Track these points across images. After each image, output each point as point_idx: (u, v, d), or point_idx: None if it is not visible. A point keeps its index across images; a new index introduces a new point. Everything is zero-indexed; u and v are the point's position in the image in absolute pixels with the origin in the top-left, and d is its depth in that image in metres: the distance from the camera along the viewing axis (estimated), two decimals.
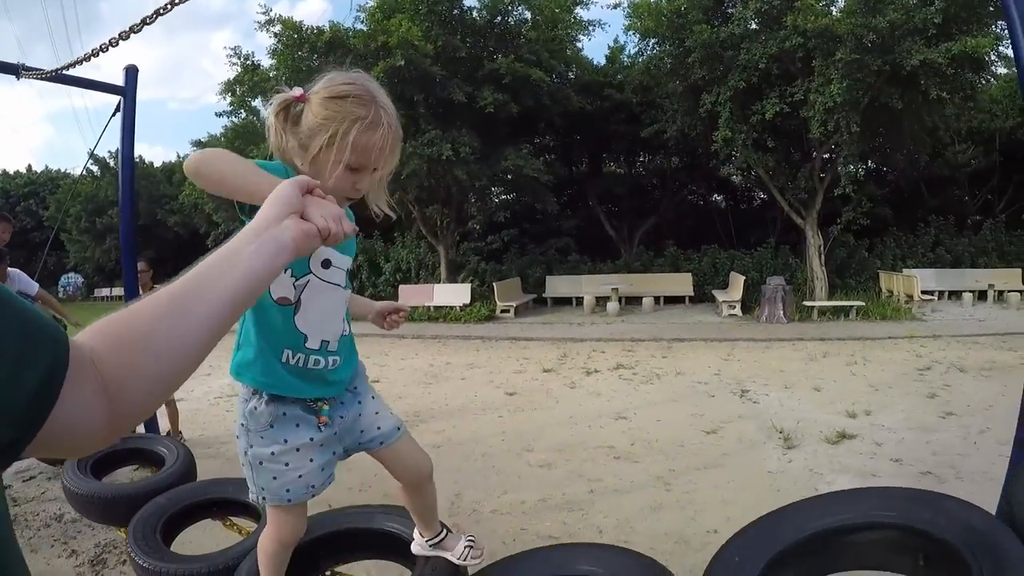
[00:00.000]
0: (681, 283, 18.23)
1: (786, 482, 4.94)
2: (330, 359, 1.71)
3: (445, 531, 2.14)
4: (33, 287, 6.05)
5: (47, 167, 43.52)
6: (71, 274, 34.77)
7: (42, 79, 5.64)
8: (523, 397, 8.26)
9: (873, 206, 18.07)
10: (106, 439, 0.69)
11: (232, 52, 17.17)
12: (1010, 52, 15.02)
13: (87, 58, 4.69)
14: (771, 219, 20.80)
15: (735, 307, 15.34)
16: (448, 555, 2.09)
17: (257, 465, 1.74)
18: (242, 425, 1.75)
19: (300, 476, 1.75)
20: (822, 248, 16.31)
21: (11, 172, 43.10)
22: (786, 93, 14.17)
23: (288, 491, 1.76)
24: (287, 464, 1.73)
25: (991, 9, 13.10)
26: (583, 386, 8.74)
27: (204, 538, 3.04)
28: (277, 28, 15.52)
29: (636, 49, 18.01)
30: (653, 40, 16.52)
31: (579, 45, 19.04)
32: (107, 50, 4.15)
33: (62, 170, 41.13)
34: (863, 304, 14.34)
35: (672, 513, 4.47)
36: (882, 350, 10.40)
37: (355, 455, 1.90)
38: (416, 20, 14.89)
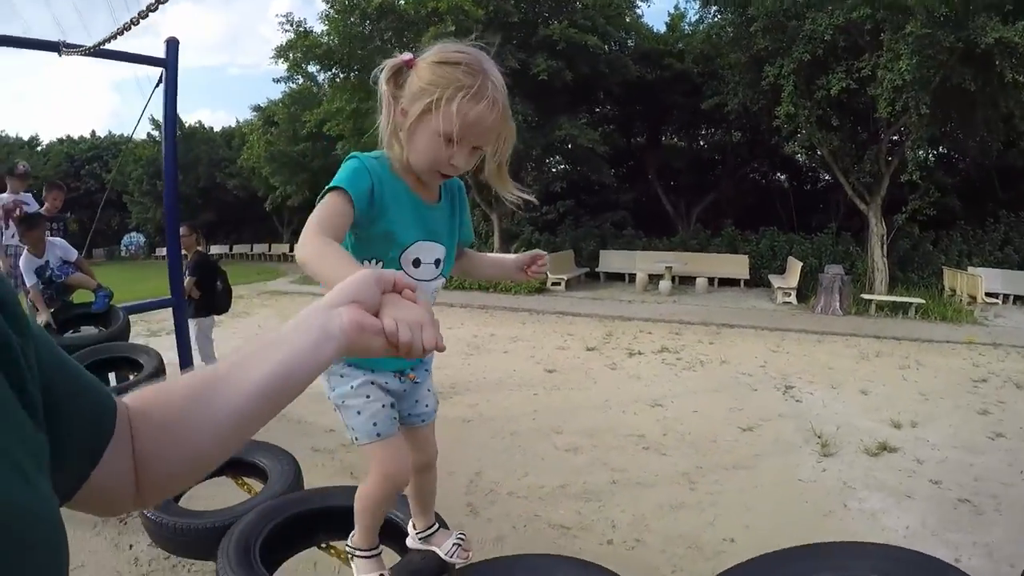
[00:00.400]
0: (737, 265, 17.77)
1: (816, 494, 4.75)
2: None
3: (438, 525, 2.14)
4: (72, 253, 6.18)
5: (111, 132, 45.21)
6: (133, 234, 36.19)
7: (84, 55, 5.71)
8: (562, 375, 8.21)
9: (941, 196, 17.18)
10: (136, 507, 0.70)
11: (284, 19, 17.31)
12: None
13: (124, 30, 4.70)
14: (834, 203, 20.00)
15: (790, 294, 14.90)
16: (436, 550, 2.09)
17: (341, 405, 1.77)
18: (325, 371, 1.72)
19: (383, 406, 1.77)
20: (885, 238, 15.58)
21: (76, 138, 44.72)
22: (853, 68, 13.36)
23: (375, 424, 1.76)
24: (368, 396, 1.75)
25: None
26: (624, 368, 8.63)
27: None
28: None
29: (697, 16, 17.40)
30: (715, 7, 15.91)
31: (638, 11, 18.61)
32: (138, 23, 4.17)
33: (124, 135, 42.47)
34: (923, 302, 13.69)
35: (691, 514, 4.36)
36: (938, 355, 9.90)
37: None
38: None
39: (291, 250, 31.20)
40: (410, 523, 2.16)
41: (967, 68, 12.67)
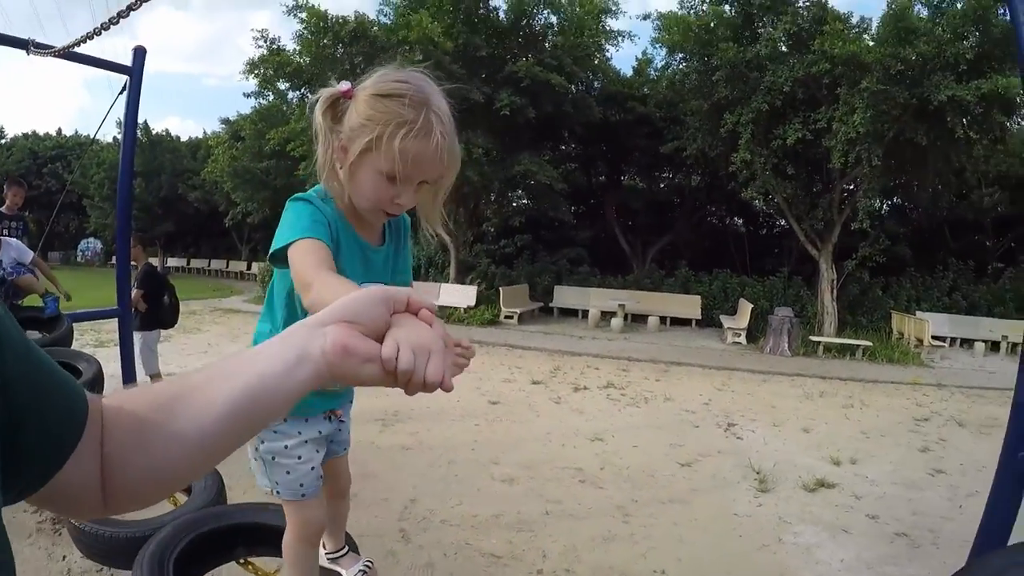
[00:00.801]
0: (689, 305, 17.96)
1: (750, 528, 4.75)
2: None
3: (347, 549, 2.15)
4: (28, 255, 6.12)
5: (76, 132, 44.52)
6: (90, 239, 35.49)
7: (52, 56, 5.59)
8: (505, 407, 8.12)
9: (891, 244, 17.67)
10: (101, 513, 0.65)
11: (259, 34, 17.31)
12: None
13: (95, 34, 4.62)
14: (788, 248, 20.49)
15: (740, 335, 15.08)
16: (342, 571, 2.10)
17: (270, 460, 1.73)
18: None
19: (312, 468, 1.76)
20: (835, 282, 15.99)
21: (41, 134, 44.02)
22: (810, 119, 13.85)
23: (302, 485, 1.75)
24: (299, 457, 1.73)
25: None
26: (568, 402, 8.58)
27: None
28: (303, 14, 15.54)
29: (663, 63, 17.86)
30: (680, 55, 16.32)
31: (608, 54, 18.94)
32: (108, 28, 4.10)
33: (90, 136, 41.92)
34: (870, 344, 13.98)
35: (623, 546, 4.31)
36: (883, 395, 10.09)
37: None
38: (439, 16, 14.89)
39: (248, 268, 30.97)
40: (321, 541, 2.10)
41: (920, 123, 13.14)
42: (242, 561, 2.40)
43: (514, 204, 21.22)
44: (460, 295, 17.48)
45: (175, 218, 34.31)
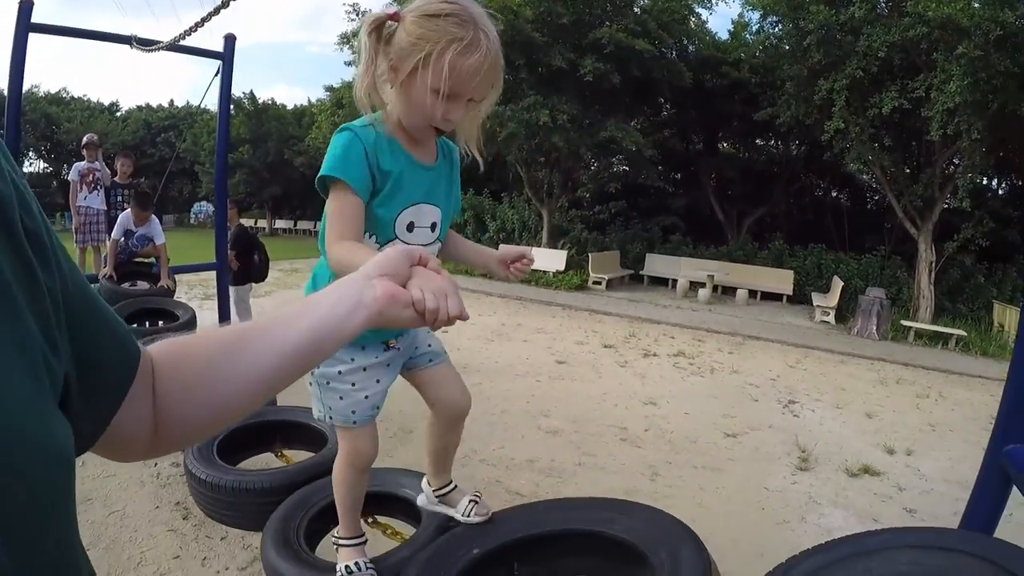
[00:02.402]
0: (781, 279, 17.56)
1: (777, 503, 4.84)
2: None
3: (454, 484, 2.16)
4: (160, 238, 6.87)
5: (188, 103, 46.71)
6: (203, 203, 37.93)
7: (153, 50, 6.32)
8: (570, 367, 8.43)
9: (998, 227, 16.69)
10: (145, 456, 0.72)
11: (351, 7, 17.83)
12: None
13: (192, 30, 5.23)
14: (889, 225, 19.64)
15: (829, 314, 14.70)
16: (452, 511, 2.12)
17: (324, 385, 1.77)
18: None
19: (366, 397, 1.79)
20: (934, 265, 15.24)
21: (154, 106, 46.49)
22: (907, 87, 13.11)
23: (354, 412, 1.79)
24: (353, 384, 1.76)
25: None
26: (633, 367, 8.81)
27: None
28: None
29: (758, 27, 17.23)
30: (774, 18, 15.75)
31: (703, 18, 18.52)
32: (203, 24, 4.65)
33: (201, 106, 43.97)
34: (964, 334, 13.38)
35: (640, 501, 4.53)
36: (965, 388, 9.66)
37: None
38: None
39: None
40: (424, 480, 2.19)
41: None
42: (370, 520, 2.52)
43: (613, 170, 21.15)
44: (550, 259, 17.76)
45: (282, 182, 35.83)
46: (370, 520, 2.61)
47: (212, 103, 7.40)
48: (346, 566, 1.96)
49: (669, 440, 5.98)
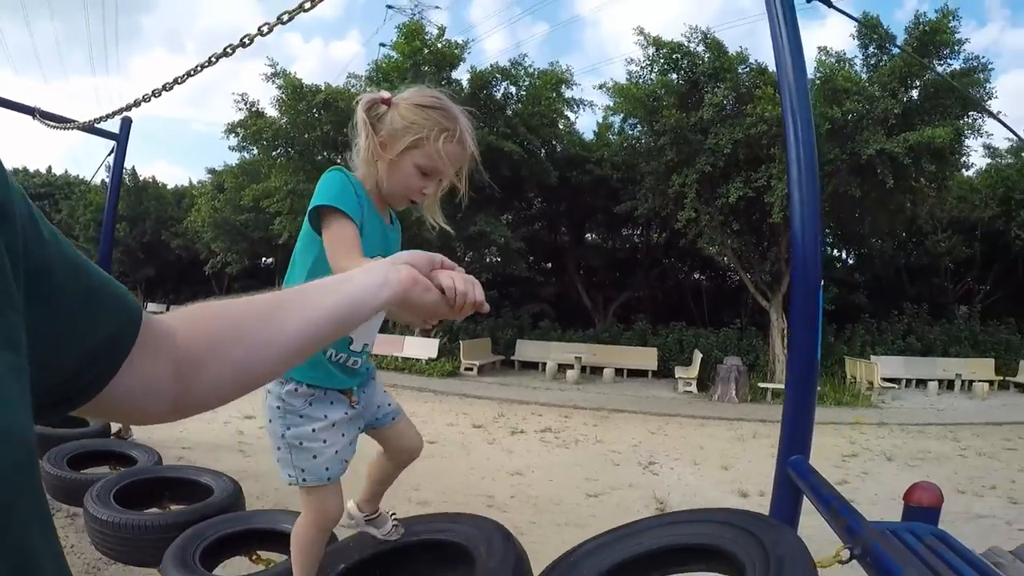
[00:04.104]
0: (645, 357, 18.50)
1: None
2: (363, 358, 1.94)
3: (379, 512, 2.38)
4: None
5: (66, 171, 44.73)
6: None
7: (54, 127, 6.42)
8: (440, 447, 8.55)
9: (846, 292, 18.40)
10: (170, 416, 0.72)
11: (240, 98, 18.09)
12: (992, 142, 15.81)
13: (105, 117, 5.41)
14: (743, 300, 21.22)
15: (691, 384, 15.60)
16: (376, 531, 2.35)
17: (297, 446, 1.85)
18: (277, 408, 1.85)
19: (336, 452, 1.88)
20: (785, 331, 16.50)
21: (31, 171, 44.37)
22: (751, 178, 14.62)
23: (327, 469, 1.87)
24: (325, 441, 1.85)
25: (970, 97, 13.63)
26: (501, 443, 9.06)
27: None
28: (280, 82, 16.54)
29: (619, 128, 18.76)
30: (633, 120, 17.20)
31: (571, 120, 19.81)
32: (136, 105, 4.82)
33: (79, 176, 42.12)
34: (818, 389, 14.43)
35: None
36: (818, 435, 10.06)
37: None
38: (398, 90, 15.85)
39: None
40: (353, 504, 2.33)
41: (854, 177, 13.92)
42: (254, 557, 2.83)
43: (485, 261, 21.77)
44: (423, 347, 17.90)
45: (157, 263, 34.61)
46: (253, 557, 2.96)
47: (91, 174, 7.32)
48: None
49: (534, 504, 6.23)
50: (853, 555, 1.84)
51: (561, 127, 19.61)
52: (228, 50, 4.08)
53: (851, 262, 23.75)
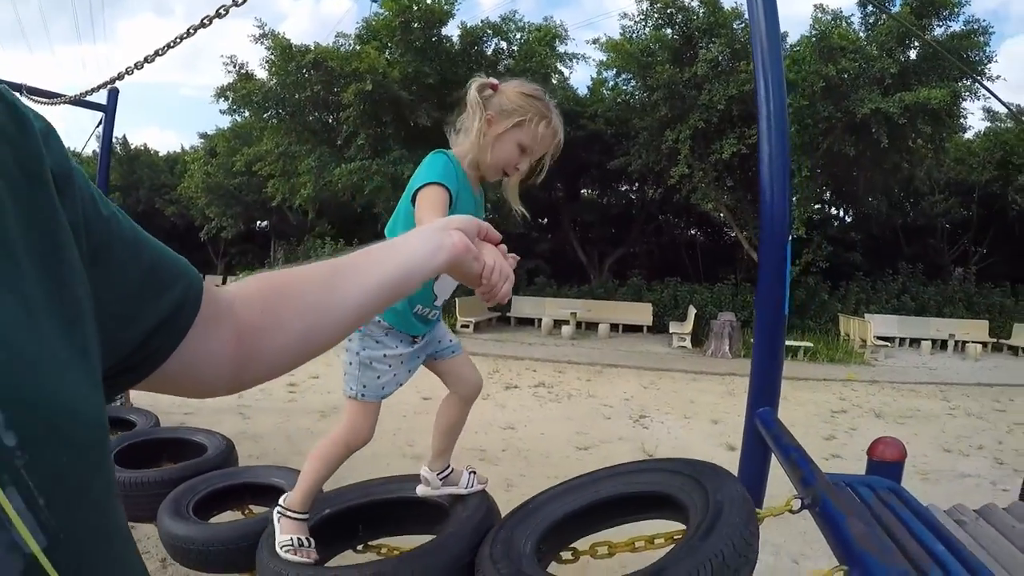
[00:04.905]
0: (640, 312, 18.71)
1: None
2: (439, 310, 2.19)
3: (451, 467, 2.53)
4: None
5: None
6: None
7: (43, 103, 6.45)
8: (435, 403, 8.45)
9: (840, 249, 18.50)
10: (230, 388, 0.72)
11: (228, 60, 18.01)
12: (991, 106, 15.83)
13: (95, 89, 5.40)
14: (739, 256, 21.27)
15: (685, 339, 15.78)
16: (456, 489, 2.49)
17: (367, 365, 2.11)
18: (359, 331, 2.07)
19: (394, 375, 2.16)
20: None
21: None
22: (744, 135, 14.67)
23: (383, 389, 2.15)
24: (390, 366, 2.13)
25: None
26: (495, 398, 9.19)
27: None
28: (269, 43, 16.46)
29: (613, 84, 18.67)
30: (628, 75, 17.11)
31: (565, 75, 19.67)
32: (129, 74, 4.82)
33: (72, 148, 41.92)
34: (811, 345, 14.67)
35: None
36: (809, 391, 10.66)
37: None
38: (388, 49, 15.80)
39: (224, 282, 31.02)
40: (425, 468, 2.50)
41: (849, 136, 13.91)
42: (246, 512, 2.95)
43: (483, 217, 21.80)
44: None
45: (152, 231, 32.21)
46: (246, 511, 3.09)
47: (80, 146, 7.30)
48: (291, 539, 2.15)
49: (525, 457, 6.40)
50: (804, 505, 1.92)
51: (555, 82, 19.47)
52: (221, 11, 4.06)
53: (848, 220, 23.82)
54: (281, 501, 2.26)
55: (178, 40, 4.47)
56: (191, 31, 4.29)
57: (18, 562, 0.34)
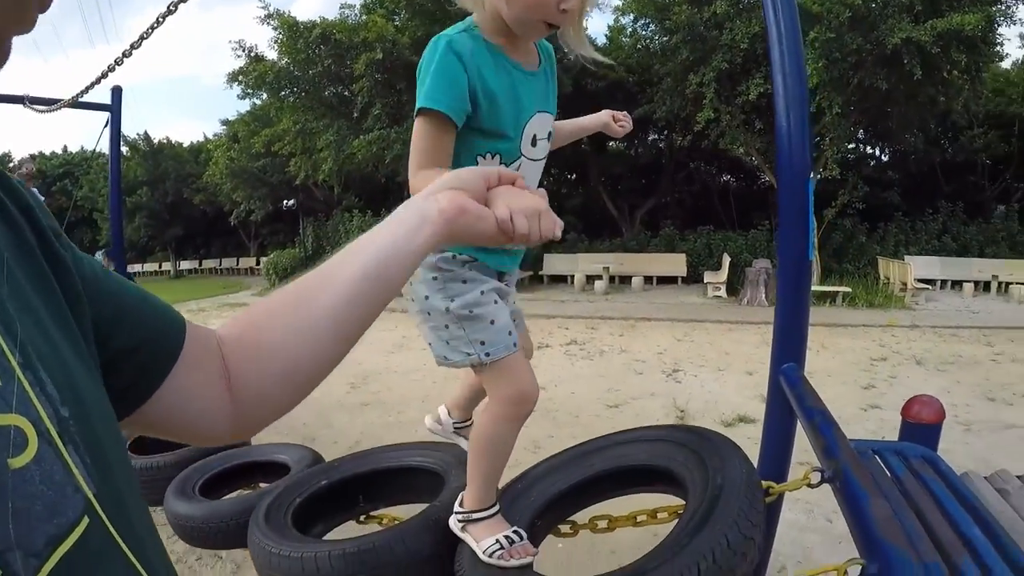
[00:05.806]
0: (674, 264, 18.41)
1: None
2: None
3: (472, 421, 2.09)
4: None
5: (82, 147, 44.76)
6: (99, 252, 36.52)
7: (44, 110, 6.49)
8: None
9: (877, 190, 17.85)
10: (235, 429, 0.68)
11: (237, 45, 17.98)
12: None
13: (87, 89, 5.30)
14: (773, 201, 20.73)
15: (720, 289, 15.48)
16: (464, 443, 2.07)
17: (468, 316, 1.52)
18: (434, 279, 1.54)
19: (508, 314, 1.58)
20: (816, 231, 16.24)
21: (47, 153, 44.57)
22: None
23: (510, 333, 1.56)
24: (496, 302, 1.55)
25: None
26: None
27: None
28: (276, 22, 16.45)
29: (631, 30, 18.11)
30: (646, 20, 16.60)
31: (584, 25, 19.17)
32: (114, 68, 4.68)
33: (96, 150, 42.39)
34: (849, 290, 14.26)
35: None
36: (849, 338, 10.33)
37: None
38: (396, 16, 15.72)
39: (257, 263, 31.47)
40: (443, 407, 2.10)
41: (880, 68, 13.30)
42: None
43: None
44: None
45: (183, 222, 35.05)
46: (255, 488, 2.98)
47: (106, 147, 7.37)
48: (495, 541, 1.62)
49: (553, 418, 6.30)
50: (824, 479, 1.70)
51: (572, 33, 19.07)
52: None
53: (884, 159, 22.95)
54: (457, 508, 1.74)
55: (160, 20, 4.30)
56: (171, 8, 4.13)
57: (81, 501, 0.40)
